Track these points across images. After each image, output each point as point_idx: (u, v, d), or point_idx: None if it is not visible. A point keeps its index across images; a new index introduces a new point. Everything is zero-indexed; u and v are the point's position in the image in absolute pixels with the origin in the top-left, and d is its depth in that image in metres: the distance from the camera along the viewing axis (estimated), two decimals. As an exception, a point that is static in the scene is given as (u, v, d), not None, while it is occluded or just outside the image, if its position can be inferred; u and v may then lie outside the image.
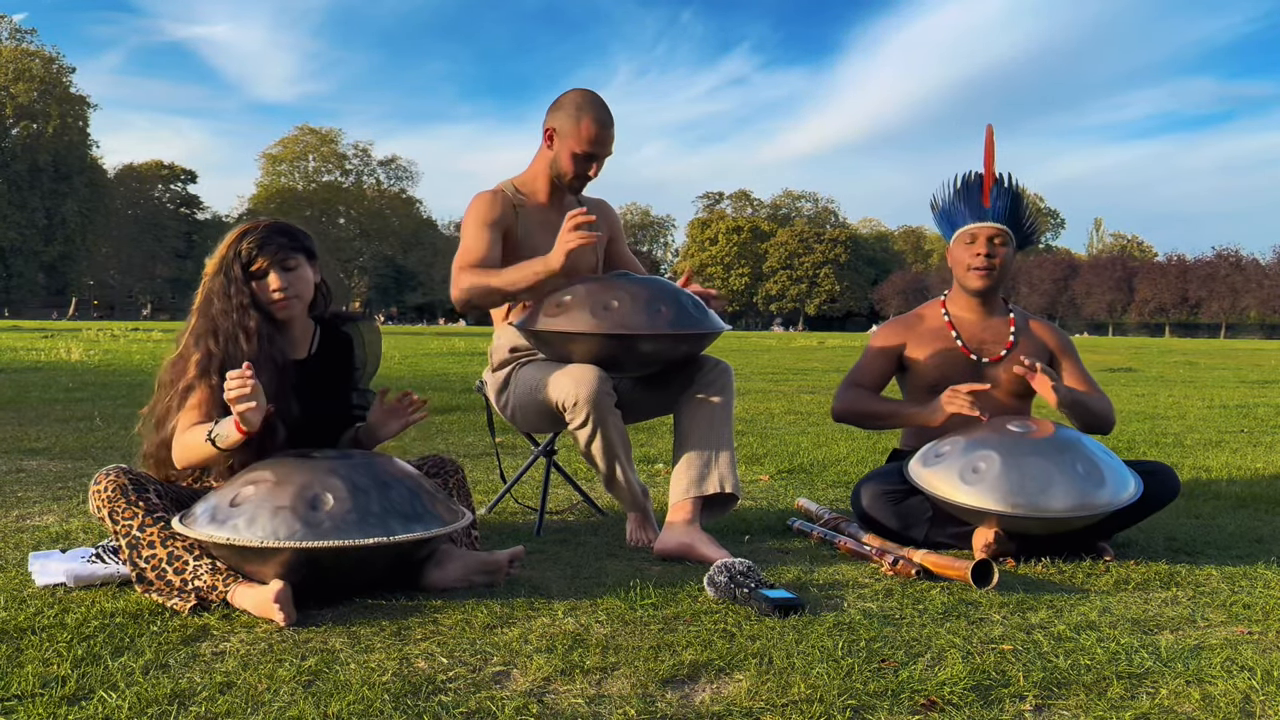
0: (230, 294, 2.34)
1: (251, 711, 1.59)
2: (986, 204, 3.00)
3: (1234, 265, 72.93)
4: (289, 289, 2.38)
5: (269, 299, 2.37)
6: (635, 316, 2.65)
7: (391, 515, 2.14)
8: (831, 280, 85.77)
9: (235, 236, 2.40)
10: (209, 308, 2.36)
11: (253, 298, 2.36)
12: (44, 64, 66.27)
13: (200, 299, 2.39)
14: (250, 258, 2.35)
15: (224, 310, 2.34)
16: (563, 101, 2.94)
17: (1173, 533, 3.12)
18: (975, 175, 3.06)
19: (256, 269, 2.36)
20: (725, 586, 2.26)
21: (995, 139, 3.07)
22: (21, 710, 1.58)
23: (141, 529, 2.19)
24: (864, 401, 3.05)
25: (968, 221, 3.01)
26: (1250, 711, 1.67)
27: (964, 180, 3.06)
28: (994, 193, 3.01)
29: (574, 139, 2.90)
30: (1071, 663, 1.87)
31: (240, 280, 2.35)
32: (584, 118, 2.89)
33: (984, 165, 3.05)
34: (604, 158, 2.95)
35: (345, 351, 2.55)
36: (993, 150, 3.05)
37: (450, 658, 1.86)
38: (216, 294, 2.35)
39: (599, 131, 2.89)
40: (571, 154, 2.91)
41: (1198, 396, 9.47)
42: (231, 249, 2.37)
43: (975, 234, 3.00)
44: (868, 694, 1.69)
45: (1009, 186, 3.03)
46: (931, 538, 2.80)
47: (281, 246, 2.38)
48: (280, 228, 2.43)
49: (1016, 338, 3.04)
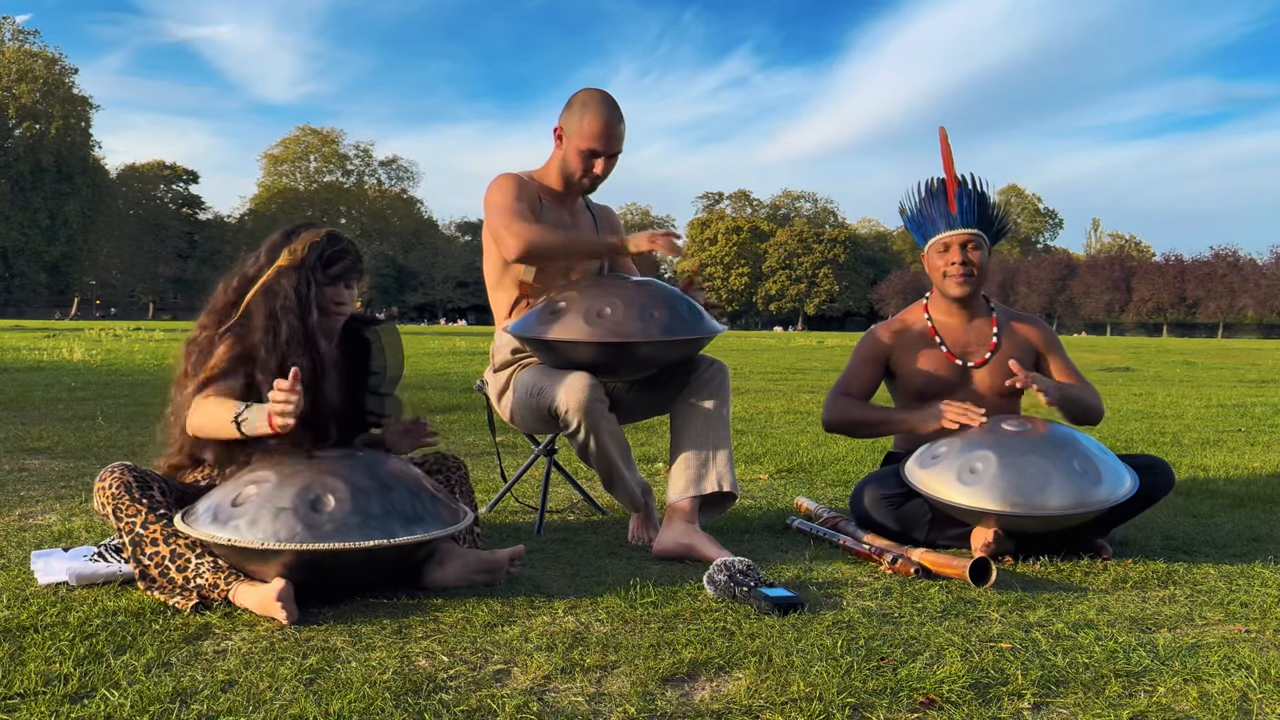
0: (308, 294, 2.31)
1: (253, 709, 1.60)
2: (954, 210, 2.99)
3: (1231, 265, 72.86)
4: (345, 306, 2.41)
5: (328, 308, 2.38)
6: (629, 323, 2.66)
7: (392, 517, 2.15)
8: (831, 280, 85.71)
9: (322, 238, 2.37)
10: (272, 301, 2.30)
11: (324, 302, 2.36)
12: (47, 65, 66.23)
13: (258, 290, 2.31)
14: (332, 263, 2.35)
15: (292, 308, 2.29)
16: (571, 101, 2.97)
17: (1170, 531, 3.13)
18: (939, 181, 3.04)
19: (331, 276, 2.36)
20: (725, 585, 2.27)
21: (950, 141, 3.03)
22: (24, 708, 1.59)
23: (144, 526, 2.20)
24: (854, 410, 3.05)
25: (939, 230, 3.01)
26: (1248, 709, 1.67)
27: (928, 187, 3.05)
28: (959, 197, 2.99)
29: (579, 136, 2.91)
30: (1070, 661, 1.88)
31: (320, 283, 2.34)
32: (588, 115, 2.90)
33: (944, 170, 3.03)
34: (611, 155, 2.95)
35: (362, 354, 2.54)
36: (949, 152, 3.02)
37: (451, 656, 1.87)
38: (288, 290, 2.30)
39: (603, 128, 2.90)
40: (578, 151, 2.93)
41: (1195, 396, 9.47)
42: (315, 251, 2.34)
43: (948, 242, 2.99)
44: (867, 692, 1.70)
45: (973, 187, 3.01)
46: (932, 540, 2.80)
47: (356, 264, 2.40)
48: (355, 245, 2.43)
49: (1000, 339, 3.04)
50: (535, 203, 2.95)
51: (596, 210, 3.17)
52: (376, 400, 2.54)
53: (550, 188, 3.02)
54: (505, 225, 2.83)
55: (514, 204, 2.87)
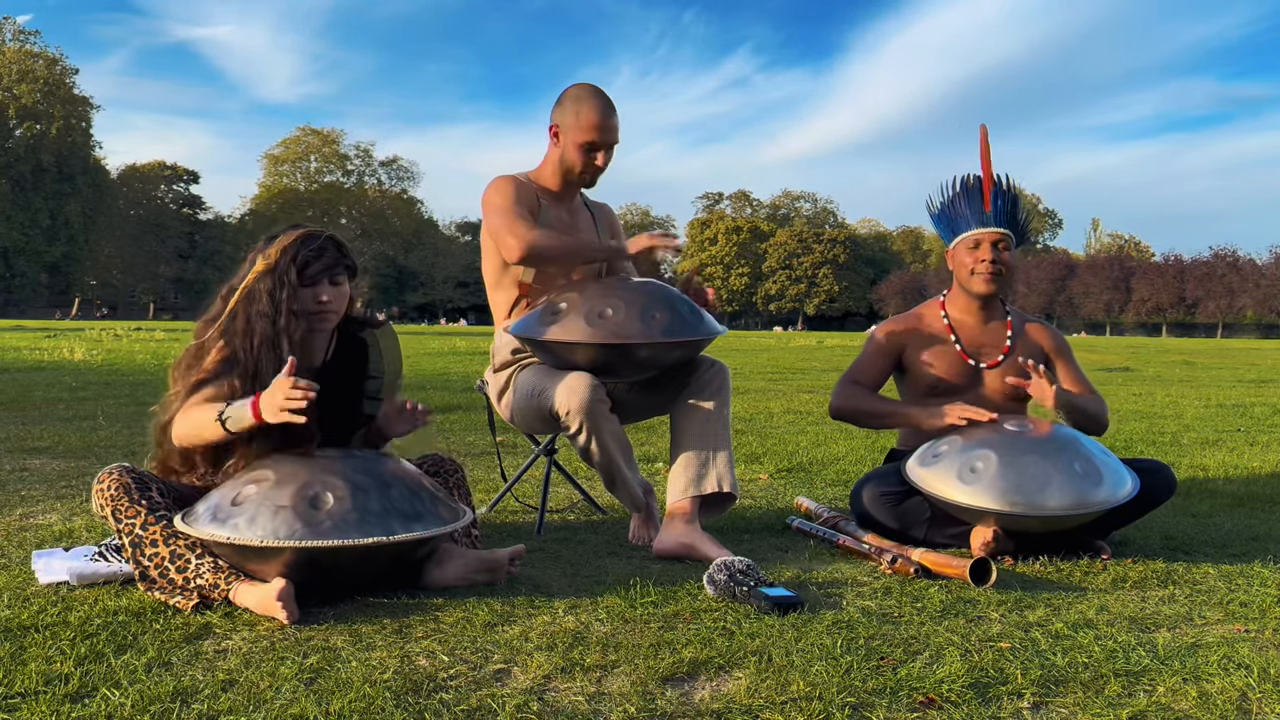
0: (280, 298, 2.30)
1: (254, 709, 1.60)
2: (988, 209, 3.00)
3: (1231, 265, 72.87)
4: (332, 304, 2.38)
5: (311, 309, 2.36)
6: (629, 325, 2.67)
7: (392, 514, 2.15)
8: (830, 280, 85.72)
9: (294, 240, 2.35)
10: (250, 305, 2.31)
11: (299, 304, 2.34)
12: (48, 65, 66.24)
13: (240, 295, 2.32)
14: (307, 265, 2.33)
15: (265, 313, 2.29)
16: (563, 97, 2.98)
17: (1170, 531, 3.13)
18: (974, 178, 3.05)
19: (309, 277, 2.34)
20: (725, 585, 2.27)
21: (990, 139, 3.06)
22: (25, 708, 1.59)
23: (144, 527, 2.20)
24: (862, 399, 3.06)
25: (971, 226, 3.01)
26: (1247, 709, 1.68)
27: (963, 183, 3.06)
28: (994, 196, 3.01)
29: (576, 130, 2.93)
30: (1069, 660, 1.88)
31: (294, 285, 2.32)
32: (582, 108, 2.92)
33: (981, 168, 3.05)
34: (609, 145, 2.97)
35: (360, 358, 2.52)
36: (989, 151, 3.05)
37: (451, 655, 1.87)
38: (263, 294, 2.30)
39: (599, 119, 2.92)
40: (576, 145, 2.94)
41: (1194, 396, 9.47)
42: (288, 253, 2.33)
43: (979, 239, 3.00)
44: (867, 691, 1.70)
45: (1007, 188, 3.04)
46: (930, 539, 2.81)
47: (337, 260, 2.37)
48: (336, 241, 2.40)
49: (1013, 342, 3.05)
50: (534, 204, 2.95)
51: (595, 209, 3.18)
52: (374, 404, 2.52)
53: (547, 188, 3.03)
54: (506, 227, 2.84)
55: (513, 206, 2.88)
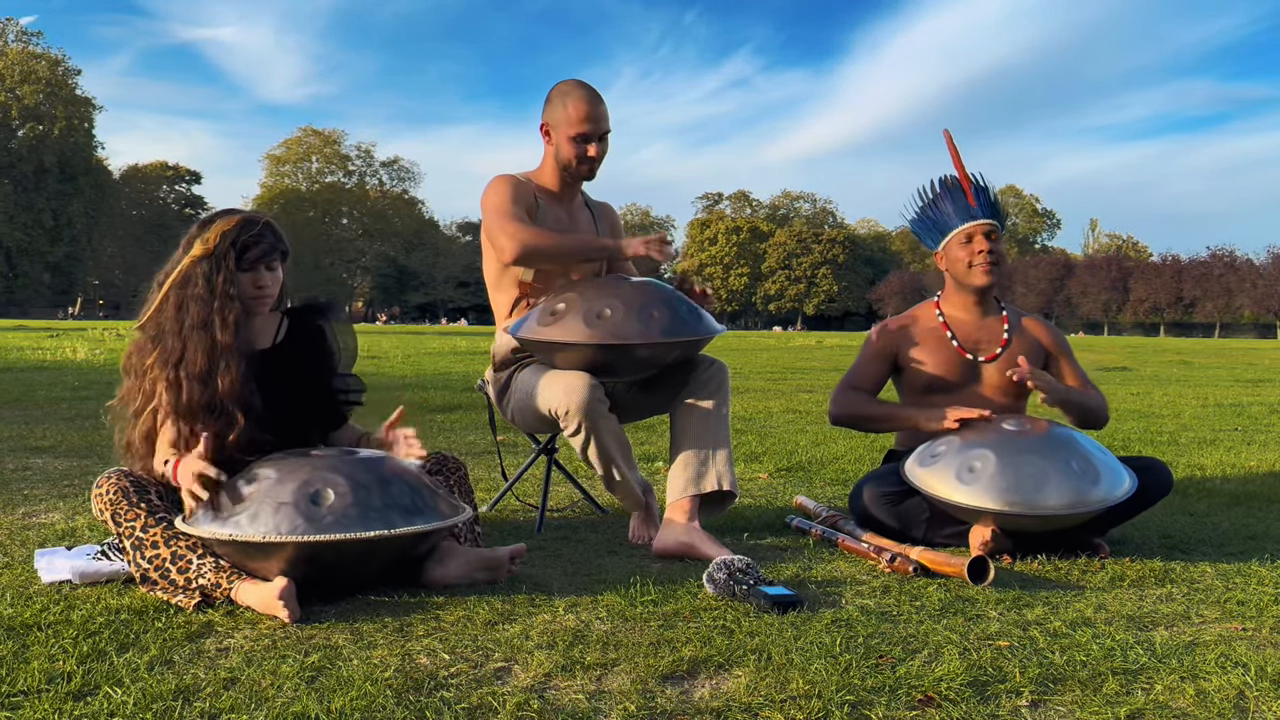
0: (218, 282, 2.33)
1: (255, 707, 1.61)
2: (973, 203, 3.06)
3: (1228, 265, 72.84)
4: (268, 288, 2.42)
5: (249, 294, 2.39)
6: (628, 325, 2.67)
7: (393, 510, 2.16)
8: (830, 280, 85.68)
9: (234, 225, 2.37)
10: (184, 289, 2.33)
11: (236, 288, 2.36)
12: (50, 66, 66.23)
13: (174, 280, 2.35)
14: (246, 250, 2.36)
15: (200, 296, 2.32)
16: (550, 95, 3.02)
17: (1167, 530, 3.14)
18: (951, 178, 3.12)
19: (248, 262, 2.37)
20: (724, 583, 2.27)
21: (955, 140, 3.14)
22: (27, 706, 1.60)
23: (144, 530, 2.20)
24: (862, 405, 3.08)
25: (957, 224, 3.06)
26: (1244, 708, 1.68)
27: (942, 184, 3.12)
28: (974, 190, 3.08)
29: (566, 124, 2.95)
30: (1067, 659, 1.88)
31: (231, 270, 2.35)
32: (569, 101, 2.96)
33: (955, 168, 3.11)
34: (601, 135, 2.99)
35: (317, 339, 2.55)
36: (957, 152, 3.12)
37: (452, 654, 1.88)
38: (199, 278, 2.33)
39: (587, 109, 2.94)
40: (568, 139, 2.96)
41: (1192, 395, 9.48)
42: (228, 238, 2.35)
43: (971, 233, 3.04)
44: (865, 690, 1.71)
45: (984, 184, 3.10)
46: (930, 538, 2.81)
47: (274, 246, 2.41)
48: (273, 227, 2.44)
49: (1010, 336, 3.07)
50: (532, 204, 2.96)
51: (595, 208, 3.19)
52: (342, 380, 2.56)
53: (546, 187, 3.04)
54: (501, 228, 2.86)
55: (509, 206, 2.89)
